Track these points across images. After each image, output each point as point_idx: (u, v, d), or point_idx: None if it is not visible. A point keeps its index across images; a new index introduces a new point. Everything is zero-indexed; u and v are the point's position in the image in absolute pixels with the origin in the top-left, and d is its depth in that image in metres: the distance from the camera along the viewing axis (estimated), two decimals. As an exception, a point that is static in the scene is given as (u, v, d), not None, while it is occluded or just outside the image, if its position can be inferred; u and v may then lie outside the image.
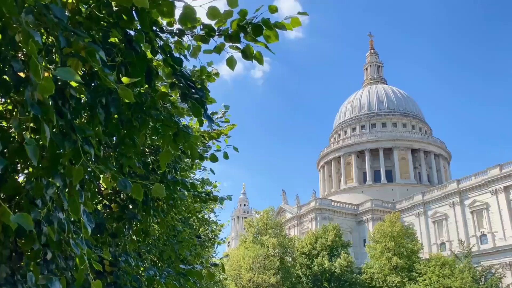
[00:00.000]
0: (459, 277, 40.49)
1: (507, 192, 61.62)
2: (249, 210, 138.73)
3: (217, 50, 2.95)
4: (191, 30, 2.85)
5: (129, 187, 2.79)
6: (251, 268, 40.88)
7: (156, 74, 2.88)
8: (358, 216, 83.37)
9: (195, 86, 2.89)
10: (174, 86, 2.90)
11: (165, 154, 2.77)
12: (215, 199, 5.67)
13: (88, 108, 2.67)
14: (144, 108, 2.85)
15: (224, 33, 2.84)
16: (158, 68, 3.12)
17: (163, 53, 2.87)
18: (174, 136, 2.79)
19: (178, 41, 3.05)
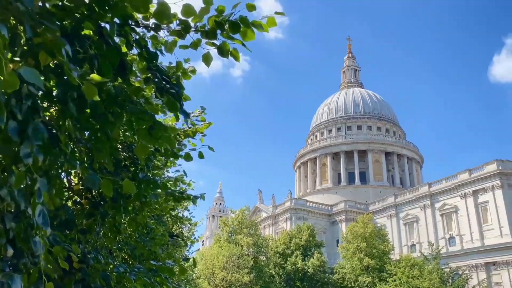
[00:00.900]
0: (428, 278, 41.43)
1: (476, 196, 63.55)
2: (225, 209, 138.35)
3: (194, 46, 2.92)
4: (167, 25, 2.82)
5: (97, 183, 2.73)
6: (224, 267, 40.79)
7: (130, 69, 2.83)
8: (332, 216, 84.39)
9: (170, 81, 2.86)
10: (148, 81, 2.86)
11: (141, 148, 2.73)
12: (189, 198, 5.61)
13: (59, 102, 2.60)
14: (118, 101, 2.79)
15: (200, 29, 2.82)
16: (133, 63, 3.07)
17: (138, 47, 2.82)
18: (150, 130, 2.75)
19: (154, 35, 3.01)
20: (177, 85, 2.90)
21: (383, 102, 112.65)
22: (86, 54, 2.48)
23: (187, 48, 2.95)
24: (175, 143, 2.97)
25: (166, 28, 2.87)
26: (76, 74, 2.20)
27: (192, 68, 3.44)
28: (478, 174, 63.77)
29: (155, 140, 2.81)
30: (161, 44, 3.19)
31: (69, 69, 2.17)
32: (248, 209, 54.58)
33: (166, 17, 2.55)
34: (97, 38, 2.52)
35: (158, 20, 2.64)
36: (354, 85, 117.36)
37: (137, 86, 2.90)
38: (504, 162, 62.68)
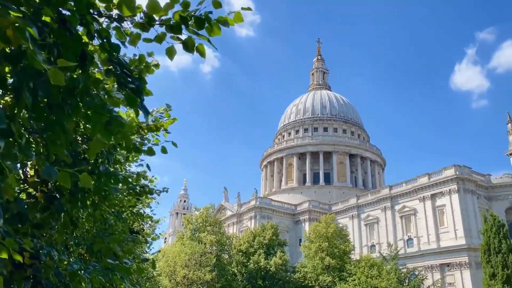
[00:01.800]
0: (386, 278, 42.57)
1: (433, 199, 65.93)
2: (189, 207, 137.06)
3: (158, 40, 2.87)
4: (131, 17, 2.76)
5: (54, 175, 2.63)
6: (186, 264, 40.40)
7: (91, 59, 2.74)
8: (296, 216, 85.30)
9: (132, 75, 2.79)
10: (109, 73, 2.78)
11: (96, 143, 2.65)
12: (150, 192, 5.51)
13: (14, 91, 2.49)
14: (76, 93, 2.70)
15: (165, 23, 2.77)
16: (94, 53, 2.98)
17: (99, 37, 2.73)
18: (107, 125, 2.68)
19: (117, 27, 2.93)
20: (139, 79, 2.84)
21: (349, 105, 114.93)
22: (45, 41, 2.38)
23: (151, 41, 2.89)
24: (131, 140, 2.90)
25: (129, 20, 2.81)
26: (41, 59, 2.11)
27: (156, 62, 3.38)
28: (437, 179, 66.16)
29: (111, 135, 2.73)
30: (127, 35, 3.12)
31: (34, 53, 2.07)
32: (213, 207, 54.31)
33: (130, 9, 2.49)
34: (57, 26, 2.42)
35: (121, 11, 2.57)
36: (322, 87, 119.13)
37: (97, 78, 2.82)
38: (461, 168, 65.36)
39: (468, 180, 64.19)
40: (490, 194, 66.80)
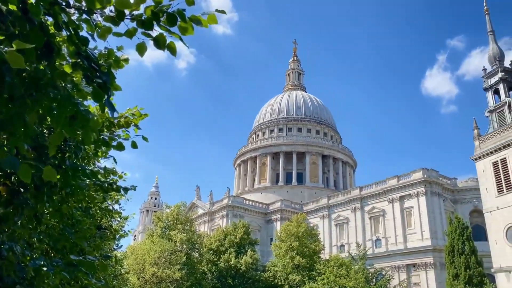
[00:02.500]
0: (354, 277, 43.32)
1: (402, 201, 67.56)
2: (160, 204, 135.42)
3: (129, 35, 2.83)
4: (101, 9, 2.71)
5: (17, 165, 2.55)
6: (156, 262, 39.91)
7: (58, 51, 2.68)
8: (268, 215, 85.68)
9: (100, 69, 2.74)
10: (76, 66, 2.72)
11: (56, 136, 2.58)
12: (118, 189, 5.43)
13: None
14: (41, 85, 2.63)
15: (136, 18, 2.74)
16: (62, 45, 2.91)
17: (67, 29, 2.67)
18: (71, 119, 2.62)
19: (87, 20, 2.87)
20: (107, 74, 2.79)
21: (323, 106, 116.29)
22: (7, 32, 2.31)
23: (121, 36, 2.85)
24: (91, 138, 2.85)
25: (99, 13, 2.76)
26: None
27: (126, 57, 3.33)
28: (405, 181, 67.82)
29: (76, 130, 2.68)
30: (98, 28, 3.06)
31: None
32: (184, 204, 53.87)
33: (100, 1, 2.45)
34: (20, 15, 2.35)
35: (90, 4, 2.52)
36: (297, 88, 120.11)
37: (62, 71, 2.76)
38: (429, 171, 67.24)
39: (435, 183, 66.12)
40: (456, 197, 69.04)
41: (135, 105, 5.53)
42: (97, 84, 2.77)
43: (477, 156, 49.11)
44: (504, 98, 49.12)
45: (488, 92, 51.09)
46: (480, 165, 48.76)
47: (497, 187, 46.16)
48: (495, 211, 45.78)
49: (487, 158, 47.76)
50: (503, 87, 49.52)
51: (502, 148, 46.28)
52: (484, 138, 49.24)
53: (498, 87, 50.00)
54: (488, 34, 53.98)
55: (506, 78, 49.82)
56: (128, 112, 5.13)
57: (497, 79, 50.16)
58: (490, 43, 53.53)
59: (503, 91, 49.43)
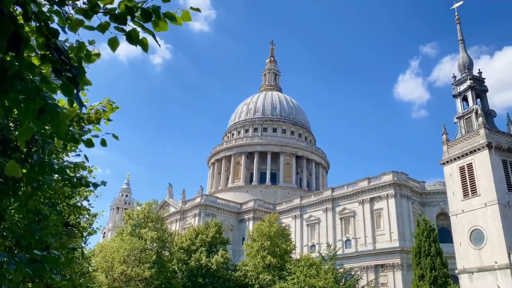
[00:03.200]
0: (323, 277, 43.87)
1: (372, 203, 68.94)
2: (131, 202, 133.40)
3: (101, 29, 2.78)
4: (73, 1, 2.65)
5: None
6: (125, 260, 39.24)
7: (26, 42, 2.60)
8: (241, 214, 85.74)
9: (70, 63, 2.68)
10: (45, 58, 2.65)
11: (25, 130, 2.51)
12: (87, 184, 5.31)
13: None
14: (7, 76, 2.55)
15: (110, 12, 2.70)
16: (31, 36, 2.83)
17: (37, 20, 2.60)
18: (39, 112, 2.55)
19: (58, 11, 2.80)
20: (77, 68, 2.73)
21: (298, 107, 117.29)
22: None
23: (94, 30, 2.80)
24: (64, 132, 2.78)
25: (71, 4, 2.70)
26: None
27: (97, 51, 3.27)
28: (376, 183, 69.23)
29: (44, 123, 2.62)
30: (70, 20, 2.99)
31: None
32: (156, 202, 53.19)
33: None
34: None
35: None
36: (274, 89, 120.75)
37: (30, 62, 2.68)
38: (399, 174, 68.86)
39: (404, 186, 67.77)
40: (424, 200, 70.98)
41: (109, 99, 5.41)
42: (67, 77, 2.71)
43: (445, 161, 50.59)
44: (472, 105, 50.81)
45: (457, 99, 52.72)
46: (447, 170, 50.26)
47: (463, 191, 47.69)
48: (460, 214, 47.30)
49: (454, 163, 49.28)
50: (471, 94, 51.22)
51: (469, 153, 47.86)
52: (452, 144, 50.79)
53: (467, 94, 51.67)
54: (458, 43, 55.72)
55: (474, 86, 51.55)
56: (99, 104, 5.03)
57: (465, 87, 51.84)
58: (460, 51, 55.28)
59: (471, 99, 51.13)
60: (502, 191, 44.66)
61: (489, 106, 51.92)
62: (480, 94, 52.13)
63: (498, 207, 43.34)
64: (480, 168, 46.33)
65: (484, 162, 46.17)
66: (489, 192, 44.68)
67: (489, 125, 49.12)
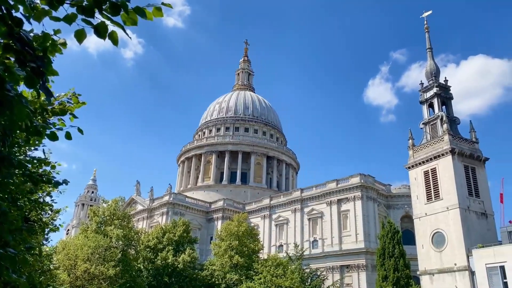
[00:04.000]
0: (290, 277, 44.27)
1: (339, 204, 70.13)
2: (97, 198, 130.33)
3: (68, 20, 2.70)
4: (38, -9, 2.57)
5: None
6: (89, 258, 38.27)
7: (-13, 31, 2.50)
8: (210, 214, 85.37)
9: (35, 53, 2.59)
10: (8, 48, 2.56)
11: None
12: (49, 181, 5.13)
13: None
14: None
15: (77, 3, 2.63)
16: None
17: (-1, 9, 2.50)
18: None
19: (22, 0, 2.70)
20: (42, 59, 2.65)
21: (270, 108, 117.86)
22: None
23: (60, 21, 2.72)
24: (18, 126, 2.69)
25: (37, -6, 2.61)
26: None
27: (63, 41, 3.17)
28: (344, 185, 70.47)
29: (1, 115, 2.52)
30: (35, 9, 2.88)
31: None
32: (122, 200, 52.16)
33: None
34: None
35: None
36: (247, 88, 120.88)
37: (-10, 52, 2.58)
38: (366, 177, 70.34)
39: (371, 189, 69.30)
40: (389, 202, 72.81)
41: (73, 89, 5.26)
42: (31, 68, 2.62)
43: (410, 165, 52.08)
44: (437, 112, 52.55)
45: (424, 105, 54.40)
46: (412, 174, 51.77)
47: (426, 195, 49.24)
48: (423, 217, 48.81)
49: (419, 167, 50.82)
50: (437, 101, 52.97)
51: (433, 158, 49.47)
52: (417, 148, 52.35)
53: (433, 101, 53.41)
54: (426, 51, 57.49)
55: (440, 93, 53.33)
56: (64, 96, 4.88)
57: (432, 94, 53.56)
58: (428, 59, 57.06)
59: (437, 105, 52.88)
60: (463, 196, 46.42)
61: (453, 113, 53.86)
62: (445, 101, 54.00)
63: (459, 211, 45.02)
64: (443, 173, 47.99)
65: (447, 167, 47.85)
66: (451, 196, 46.34)
67: (453, 132, 50.96)
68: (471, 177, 48.37)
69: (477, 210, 46.80)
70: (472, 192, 47.57)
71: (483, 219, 46.83)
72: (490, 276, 40.08)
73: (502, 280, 39.09)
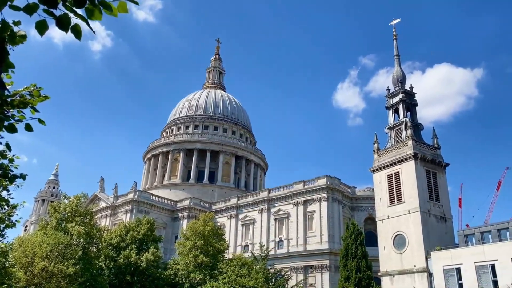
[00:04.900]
0: (254, 277, 44.36)
1: (306, 205, 70.98)
2: (59, 194, 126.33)
3: (28, 10, 2.58)
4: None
5: None
6: (47, 256, 36.95)
7: None
8: (175, 212, 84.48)
9: (-9, 43, 2.47)
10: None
11: None
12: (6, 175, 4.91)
13: None
14: None
15: (39, -7, 2.52)
16: None
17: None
18: None
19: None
20: (-2, 49, 2.53)
21: (240, 108, 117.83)
22: None
23: (19, 10, 2.60)
24: None
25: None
26: None
27: (22, 33, 3.04)
28: (310, 186, 71.38)
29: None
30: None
31: None
32: (85, 196, 50.71)
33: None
34: None
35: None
36: (217, 87, 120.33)
37: None
38: (332, 179, 71.53)
39: (336, 191, 70.54)
40: (354, 204, 74.34)
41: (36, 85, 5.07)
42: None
43: (374, 168, 53.36)
44: (402, 117, 54.11)
45: (390, 110, 55.90)
46: (376, 177, 53.07)
47: (389, 198, 50.60)
48: (386, 219, 50.12)
49: (383, 171, 52.15)
50: (403, 107, 54.55)
51: (397, 163, 50.89)
52: (382, 152, 53.71)
53: (398, 107, 54.96)
54: (394, 58, 59.10)
55: (405, 99, 54.95)
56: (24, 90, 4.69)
57: (398, 100, 55.11)
58: (395, 66, 58.67)
59: (402, 111, 54.45)
60: (424, 200, 48.00)
61: (417, 120, 55.63)
62: (410, 107, 55.70)
63: (420, 214, 46.53)
64: (406, 177, 49.47)
65: (410, 171, 49.36)
66: (413, 200, 47.84)
67: (416, 137, 52.62)
68: (432, 182, 50.09)
69: (437, 214, 48.50)
70: (432, 196, 49.25)
71: (442, 223, 48.59)
72: (447, 278, 41.65)
73: (458, 281, 40.69)
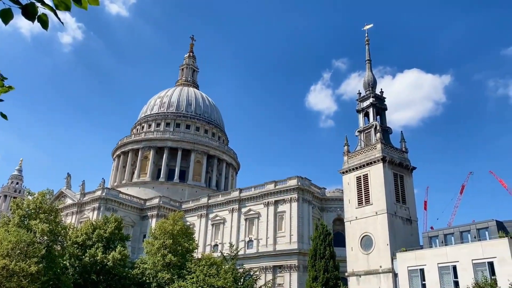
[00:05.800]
0: (223, 277, 44.20)
1: (276, 205, 71.39)
2: (22, 190, 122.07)
3: (-8, -2, 2.45)
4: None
5: None
6: (8, 254, 35.58)
7: None
8: (144, 211, 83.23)
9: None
10: None
11: None
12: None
13: None
14: None
15: (3, -20, 2.38)
16: None
17: None
18: None
19: None
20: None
21: (214, 106, 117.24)
22: None
23: (-19, -3, 2.45)
24: None
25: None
26: None
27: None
28: (281, 187, 71.83)
29: None
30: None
31: None
32: (50, 192, 49.13)
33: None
34: None
35: None
36: (190, 85, 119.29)
37: None
38: (303, 179, 72.23)
39: (307, 191, 71.28)
40: (323, 205, 75.32)
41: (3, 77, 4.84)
42: None
43: (344, 170, 54.22)
44: (372, 121, 55.22)
45: (360, 114, 56.94)
46: (346, 179, 53.94)
47: (357, 200, 51.52)
48: (354, 220, 51.01)
49: (353, 173, 53.06)
50: (373, 111, 55.67)
51: (366, 165, 51.88)
52: (352, 155, 54.64)
53: (368, 110, 56.06)
54: (366, 62, 60.25)
55: (375, 104, 56.11)
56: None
57: (368, 104, 56.20)
58: (367, 70, 59.81)
59: (372, 115, 55.57)
60: (391, 202, 49.15)
61: (387, 123, 56.90)
62: (380, 111, 56.91)
63: (387, 216, 47.61)
64: (374, 179, 50.51)
65: (378, 174, 50.43)
66: (380, 202, 48.90)
67: (385, 140, 53.82)
68: (399, 185, 51.35)
69: (403, 216, 49.75)
70: (399, 198, 50.49)
71: (408, 225, 49.89)
72: (411, 278, 42.78)
73: (421, 282, 41.87)
